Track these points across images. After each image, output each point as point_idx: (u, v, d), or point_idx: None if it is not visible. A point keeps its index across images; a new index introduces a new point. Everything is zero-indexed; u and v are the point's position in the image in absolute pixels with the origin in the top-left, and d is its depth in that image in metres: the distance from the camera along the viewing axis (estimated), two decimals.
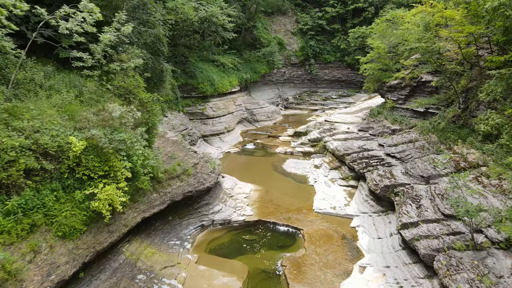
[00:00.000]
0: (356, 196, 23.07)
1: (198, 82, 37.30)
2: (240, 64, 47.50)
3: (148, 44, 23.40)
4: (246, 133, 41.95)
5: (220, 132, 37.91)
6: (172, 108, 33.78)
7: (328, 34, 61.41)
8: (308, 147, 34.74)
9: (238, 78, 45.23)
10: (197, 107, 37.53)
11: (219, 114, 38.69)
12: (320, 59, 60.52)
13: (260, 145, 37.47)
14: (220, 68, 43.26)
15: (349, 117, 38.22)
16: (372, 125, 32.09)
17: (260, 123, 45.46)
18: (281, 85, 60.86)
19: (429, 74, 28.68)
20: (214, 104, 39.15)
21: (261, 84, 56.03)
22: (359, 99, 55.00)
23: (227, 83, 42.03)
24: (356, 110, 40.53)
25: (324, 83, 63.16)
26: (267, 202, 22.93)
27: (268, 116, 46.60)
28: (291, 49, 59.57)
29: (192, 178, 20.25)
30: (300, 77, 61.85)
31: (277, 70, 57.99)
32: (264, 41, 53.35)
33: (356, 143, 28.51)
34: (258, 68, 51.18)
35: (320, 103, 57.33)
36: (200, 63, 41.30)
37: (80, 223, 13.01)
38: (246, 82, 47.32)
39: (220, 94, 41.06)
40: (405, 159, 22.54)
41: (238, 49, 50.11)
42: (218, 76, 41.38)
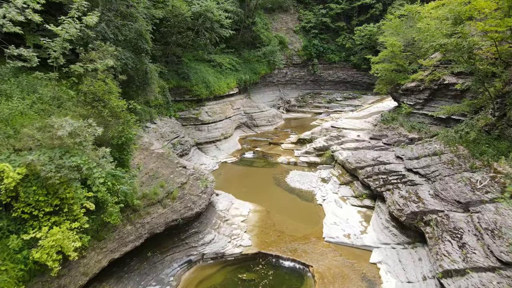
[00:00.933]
0: (374, 221, 19.55)
1: (192, 84, 33.82)
2: (238, 65, 44.05)
3: (129, 41, 19.91)
4: (245, 140, 38.46)
5: (216, 139, 34.42)
6: (163, 113, 30.30)
7: (333, 33, 57.89)
8: (313, 157, 31.23)
9: (236, 80, 41.75)
10: (191, 111, 34.04)
11: (215, 119, 35.20)
12: (324, 59, 57.01)
13: (260, 154, 33.99)
14: (216, 68, 39.78)
15: (358, 123, 34.69)
16: (386, 133, 28.59)
17: (260, 128, 41.96)
18: (282, 86, 57.38)
19: (452, 75, 25.19)
20: (210, 108, 35.67)
21: (261, 86, 52.54)
22: (366, 102, 51.45)
23: (224, 85, 38.56)
24: (365, 115, 37.03)
25: (328, 85, 59.65)
26: (268, 227, 19.41)
27: (268, 120, 43.09)
28: (293, 49, 56.08)
29: (178, 202, 16.75)
30: (302, 78, 58.37)
31: (278, 71, 54.51)
32: (264, 39, 49.84)
33: (370, 154, 25.01)
34: (258, 68, 47.69)
35: (324, 105, 53.83)
36: (195, 63, 37.84)
37: (13, 282, 9.51)
38: (245, 84, 43.86)
39: (217, 97, 37.59)
40: (431, 177, 19.01)
41: (236, 48, 46.63)
42: (215, 77, 37.91)
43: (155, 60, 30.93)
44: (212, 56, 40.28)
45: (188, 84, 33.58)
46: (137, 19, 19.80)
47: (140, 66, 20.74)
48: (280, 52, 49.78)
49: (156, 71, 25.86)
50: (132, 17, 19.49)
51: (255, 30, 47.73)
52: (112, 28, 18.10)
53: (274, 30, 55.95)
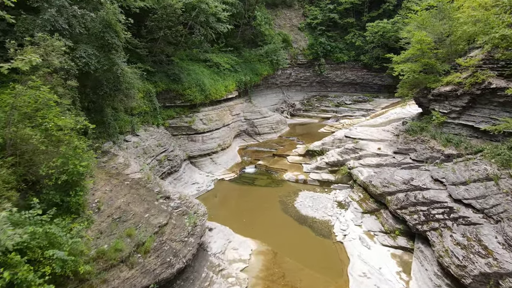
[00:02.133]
0: (417, 273, 14.79)
1: (184, 87, 29.11)
2: (238, 65, 39.37)
3: (93, 34, 15.21)
4: (245, 151, 33.77)
5: (212, 151, 29.71)
6: (149, 122, 25.63)
7: (341, 30, 53.18)
8: (326, 174, 26.55)
9: (235, 82, 37.06)
10: (183, 119, 29.33)
11: (211, 128, 30.49)
12: (331, 59, 52.31)
13: (263, 168, 29.32)
14: (213, 69, 35.07)
15: (376, 132, 29.99)
16: (414, 146, 23.91)
17: (263, 137, 37.25)
18: (286, 88, 52.69)
19: (501, 78, 20.48)
20: (205, 115, 30.96)
21: (263, 88, 47.85)
22: (379, 106, 46.76)
23: (221, 88, 33.86)
24: (383, 122, 32.38)
25: (336, 86, 54.95)
26: (276, 279, 14.71)
27: (272, 127, 38.39)
28: (298, 47, 51.37)
29: (153, 257, 12.05)
30: (308, 79, 53.67)
31: (282, 71, 49.82)
32: (266, 37, 45.18)
33: (399, 175, 20.33)
34: (259, 69, 42.98)
35: (332, 109, 49.12)
36: (188, 63, 33.17)
37: None
38: (246, 86, 39.16)
39: (213, 101, 32.89)
40: (492, 214, 14.30)
41: (236, 46, 41.92)
42: (211, 79, 33.21)
43: (141, 60, 26.30)
44: (209, 55, 35.59)
45: (179, 88, 28.87)
46: (104, 5, 15.07)
47: (110, 67, 16.02)
48: (284, 51, 45.01)
49: (136, 73, 21.13)
50: (95, 3, 14.77)
51: (255, 24, 43.01)
52: (66, 16, 13.39)
53: (277, 27, 51.27)
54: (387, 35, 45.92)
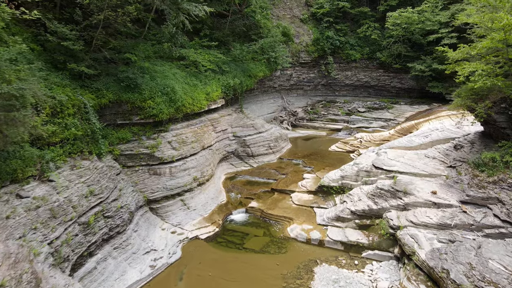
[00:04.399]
0: None
1: (143, 97, 20.00)
2: (226, 64, 30.33)
3: None
4: (233, 182, 24.75)
5: (185, 189, 20.63)
6: (83, 152, 16.52)
7: (352, 22, 44.22)
8: (353, 230, 17.56)
9: (221, 86, 27.98)
10: (143, 143, 20.20)
11: (184, 154, 21.41)
12: (340, 56, 43.35)
13: (257, 214, 20.38)
14: (190, 70, 25.97)
15: (417, 159, 21.06)
16: (495, 193, 15.17)
17: (258, 160, 28.20)
18: (286, 92, 43.67)
19: None
20: (176, 135, 21.86)
21: (259, 93, 38.83)
22: (401, 115, 37.83)
23: (201, 96, 24.78)
24: (423, 144, 23.48)
25: (345, 90, 46.00)
26: None
27: (269, 146, 29.33)
28: (300, 43, 42.35)
29: None
30: (312, 81, 44.66)
31: (281, 72, 40.82)
32: (262, 30, 36.15)
33: (494, 257, 11.45)
34: (253, 69, 33.95)
35: (342, 119, 40.16)
36: (156, 62, 24.19)
37: None
38: (235, 92, 30.04)
39: (189, 115, 23.83)
40: None
41: (223, 41, 32.85)
42: (186, 84, 24.14)
43: (74, 57, 17.25)
44: (185, 51, 26.44)
45: (136, 98, 19.74)
46: None
47: None
48: (284, 46, 35.78)
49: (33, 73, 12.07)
50: None
51: (248, 11, 33.89)
52: None
53: (275, 19, 42.21)
54: (411, 27, 37.02)
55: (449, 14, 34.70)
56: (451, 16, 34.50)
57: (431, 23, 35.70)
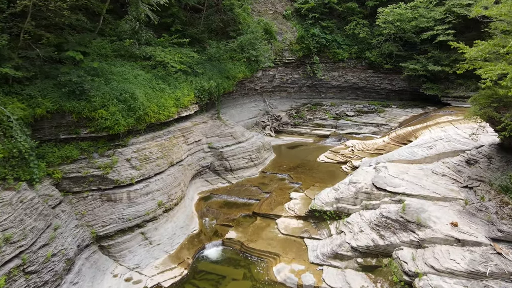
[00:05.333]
0: None
1: (93, 105, 16.06)
2: (200, 65, 26.57)
3: None
4: (208, 203, 21.00)
5: (147, 219, 16.77)
6: (6, 179, 12.51)
7: (339, 18, 41.02)
8: (355, 273, 14.08)
9: (195, 90, 24.16)
10: (93, 161, 16.23)
11: (146, 174, 17.54)
12: (327, 56, 40.07)
13: (237, 248, 16.78)
14: (157, 72, 22.04)
15: (425, 177, 17.87)
16: None
17: (237, 174, 24.54)
18: (268, 95, 40.14)
19: None
20: (138, 151, 17.94)
21: (238, 96, 35.15)
22: (394, 119, 34.82)
23: (169, 103, 20.90)
24: (428, 156, 20.33)
25: (332, 92, 42.79)
26: None
27: (250, 158, 25.70)
28: (284, 41, 38.87)
29: None
30: (296, 82, 41.26)
31: (263, 73, 37.28)
32: (242, 26, 32.49)
33: None
34: (232, 70, 30.25)
35: (330, 123, 36.88)
36: (114, 62, 20.28)
37: None
38: (211, 96, 26.23)
39: (154, 126, 19.95)
40: None
41: (197, 38, 29.09)
42: (151, 88, 20.25)
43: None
44: (150, 50, 22.50)
45: (84, 107, 15.79)
46: None
47: None
48: (265, 43, 32.02)
49: None
50: None
51: (226, 3, 30.19)
52: None
53: (256, 14, 38.62)
54: (403, 25, 34.03)
55: (444, 10, 31.83)
56: (446, 11, 31.66)
57: (425, 19, 32.80)
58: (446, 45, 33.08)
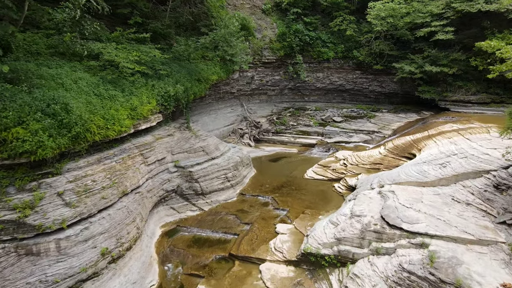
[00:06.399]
0: None
1: (2, 123, 11.50)
2: (166, 65, 22.25)
3: None
4: (173, 241, 16.60)
5: (83, 278, 12.24)
6: None
7: (323, 14, 37.26)
8: None
9: (157, 97, 19.71)
10: (7, 200, 11.61)
11: (85, 212, 13.04)
12: (310, 55, 36.25)
13: None
14: (106, 75, 17.48)
15: (443, 205, 14.20)
16: None
17: (210, 198, 20.23)
18: (246, 99, 35.98)
19: None
20: (75, 180, 13.40)
21: (212, 101, 30.83)
22: (387, 126, 31.31)
23: (123, 113, 16.42)
24: (444, 177, 16.67)
25: (316, 94, 39.06)
26: None
27: (226, 176, 21.44)
28: (263, 38, 34.79)
29: None
30: (277, 84, 37.27)
31: (240, 74, 33.09)
32: (215, 20, 28.22)
33: None
34: (204, 71, 26.05)
35: (315, 131, 33.05)
36: (45, 63, 15.74)
37: None
38: (178, 103, 21.80)
39: (100, 145, 15.42)
40: None
41: (163, 34, 24.69)
42: (96, 96, 15.77)
43: None
44: (98, 46, 17.88)
45: None
46: None
47: None
48: (242, 40, 27.69)
49: None
50: None
51: None
52: None
53: (232, 8, 34.40)
54: (397, 21, 30.57)
55: (443, 4, 28.50)
56: (446, 5, 28.33)
57: (421, 14, 29.42)
58: (443, 43, 30.01)
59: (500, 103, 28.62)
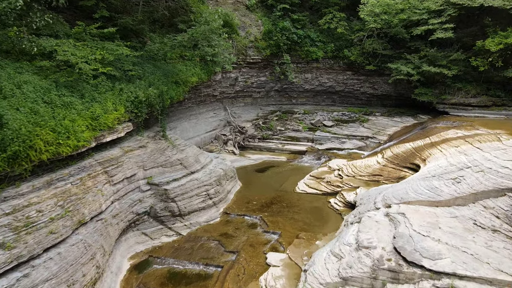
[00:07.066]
0: None
1: None
2: (138, 66, 19.45)
3: None
4: (143, 277, 13.75)
5: None
6: None
7: (312, 11, 34.89)
8: None
9: (126, 102, 16.84)
10: None
11: (25, 255, 10.18)
12: (298, 55, 33.77)
13: None
14: (61, 77, 14.54)
15: (466, 232, 11.92)
16: None
17: (189, 220, 17.47)
18: (230, 102, 33.30)
19: None
20: (14, 212, 10.53)
21: (193, 104, 28.03)
22: (382, 131, 29.12)
23: (79, 125, 13.54)
24: (460, 196, 14.41)
25: (304, 97, 36.66)
26: None
27: (208, 193, 18.70)
28: (247, 36, 32.15)
29: None
30: (263, 86, 34.69)
31: (223, 75, 30.40)
32: (195, 16, 25.34)
33: None
34: (183, 72, 23.32)
35: (305, 136, 30.63)
36: None
37: None
38: (153, 109, 18.95)
39: (49, 164, 12.50)
40: None
41: (135, 30, 21.80)
42: (44, 104, 12.89)
43: None
44: (51, 43, 14.89)
45: None
46: None
47: None
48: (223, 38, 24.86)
49: None
50: None
51: None
52: None
53: (213, 4, 31.64)
54: (391, 18, 28.45)
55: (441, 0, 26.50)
56: (444, 1, 26.30)
57: (418, 11, 27.34)
58: (440, 42, 28.00)
59: (502, 106, 26.83)
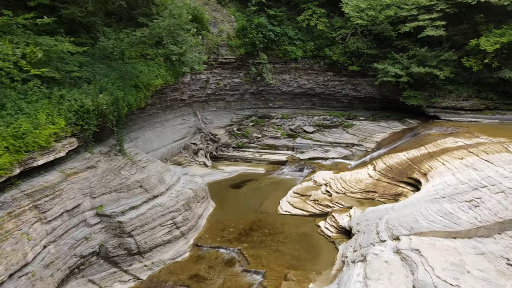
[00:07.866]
0: None
1: None
2: (87, 67, 15.93)
3: None
4: None
5: None
6: None
7: (290, 6, 32.06)
8: None
9: (68, 113, 13.30)
10: None
11: None
12: (275, 54, 30.85)
13: None
14: None
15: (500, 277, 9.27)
16: None
17: (151, 259, 14.13)
18: (201, 106, 29.96)
19: None
20: None
21: (158, 110, 24.54)
22: (368, 137, 26.68)
23: None
24: (483, 225, 11.93)
25: (281, 99, 33.81)
26: None
27: (174, 222, 15.39)
28: (220, 33, 28.90)
29: None
30: (237, 88, 31.54)
31: (193, 77, 27.03)
32: (158, 9, 21.91)
33: None
34: (145, 74, 19.88)
35: (284, 144, 27.80)
36: None
37: None
38: (105, 120, 15.50)
39: None
40: None
41: (84, 24, 18.18)
42: None
43: None
44: None
45: None
46: None
47: None
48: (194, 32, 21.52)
49: None
50: None
51: None
52: None
53: None
54: (377, 14, 26.06)
55: None
56: None
57: (406, 6, 25.05)
58: (429, 40, 25.86)
59: (494, 109, 25.02)
